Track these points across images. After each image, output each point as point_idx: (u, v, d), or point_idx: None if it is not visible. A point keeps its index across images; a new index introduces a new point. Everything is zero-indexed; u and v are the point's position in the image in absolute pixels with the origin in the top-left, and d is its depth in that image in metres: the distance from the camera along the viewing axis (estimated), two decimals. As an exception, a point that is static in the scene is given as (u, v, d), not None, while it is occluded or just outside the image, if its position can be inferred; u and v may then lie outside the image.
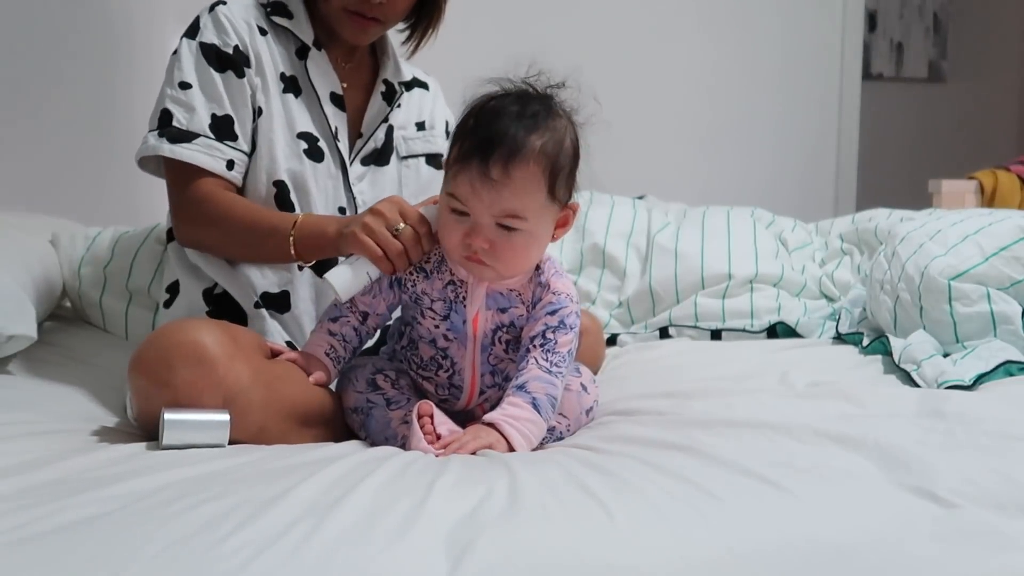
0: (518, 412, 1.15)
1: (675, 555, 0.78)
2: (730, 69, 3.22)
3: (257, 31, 1.42)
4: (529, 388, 1.17)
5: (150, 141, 1.36)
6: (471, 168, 1.14)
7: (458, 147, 1.17)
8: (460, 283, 1.23)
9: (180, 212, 1.39)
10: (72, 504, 0.86)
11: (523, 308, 1.24)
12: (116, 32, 2.52)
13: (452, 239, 1.18)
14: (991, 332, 1.50)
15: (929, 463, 0.95)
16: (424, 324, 1.25)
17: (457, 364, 1.25)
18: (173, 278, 1.45)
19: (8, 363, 1.47)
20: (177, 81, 1.37)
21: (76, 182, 2.49)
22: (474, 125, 1.17)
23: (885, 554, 0.79)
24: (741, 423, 1.15)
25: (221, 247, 1.39)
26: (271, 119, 1.40)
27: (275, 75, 1.41)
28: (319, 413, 1.23)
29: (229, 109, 1.37)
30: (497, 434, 1.13)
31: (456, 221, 1.17)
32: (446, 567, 0.75)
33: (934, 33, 4.57)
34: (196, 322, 1.17)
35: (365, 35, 1.43)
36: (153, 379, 1.11)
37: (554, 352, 1.20)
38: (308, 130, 1.42)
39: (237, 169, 1.38)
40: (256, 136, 1.40)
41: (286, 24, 1.43)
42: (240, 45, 1.39)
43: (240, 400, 1.12)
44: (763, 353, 1.68)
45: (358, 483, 0.92)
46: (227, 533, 0.78)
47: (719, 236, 2.04)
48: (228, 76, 1.38)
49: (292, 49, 1.44)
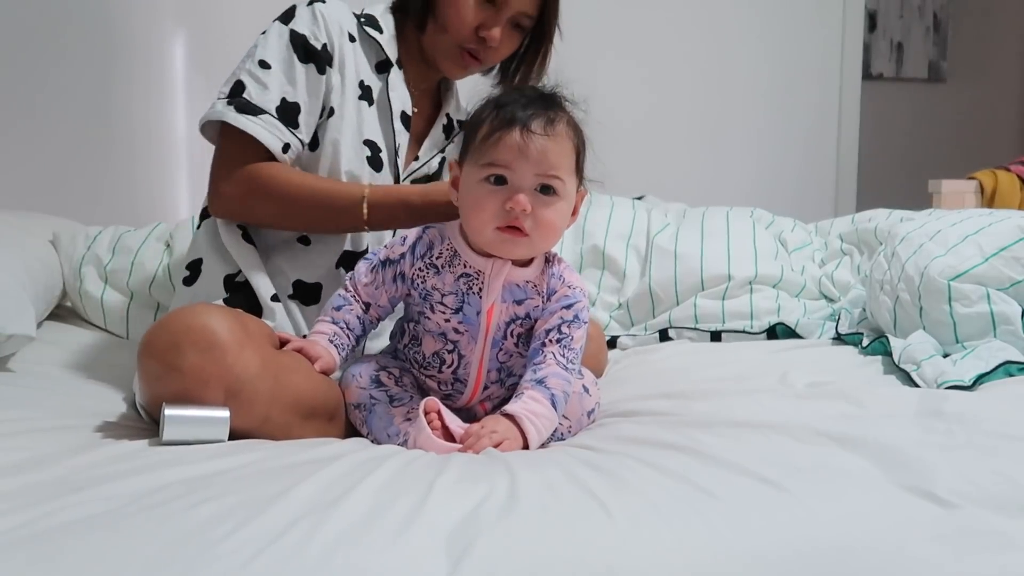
0: (538, 408, 1.17)
1: (675, 555, 0.78)
2: (730, 69, 3.22)
3: (347, 36, 1.45)
4: (548, 384, 1.20)
5: (217, 107, 1.37)
6: (513, 131, 1.18)
7: (489, 123, 1.20)
8: (475, 274, 1.24)
9: (225, 183, 1.38)
10: (72, 503, 0.86)
11: (539, 299, 1.26)
12: (116, 33, 2.53)
13: (488, 209, 1.19)
14: (991, 332, 1.50)
15: (929, 463, 0.95)
16: (433, 319, 1.25)
17: (464, 358, 1.26)
18: (197, 256, 1.45)
19: (9, 361, 1.47)
20: (258, 59, 1.39)
21: (76, 182, 2.49)
22: (500, 104, 1.22)
23: (884, 554, 0.79)
24: (741, 424, 1.15)
25: (278, 218, 1.39)
26: (342, 120, 1.42)
27: (355, 81, 1.45)
28: (324, 406, 1.23)
29: (300, 98, 1.39)
30: (515, 429, 1.15)
31: (491, 192, 1.19)
32: (446, 567, 0.75)
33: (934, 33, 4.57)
34: (208, 307, 1.17)
35: (464, 72, 1.51)
36: (162, 362, 1.11)
37: (570, 348, 1.23)
38: (374, 139, 1.45)
39: (290, 155, 1.39)
40: (323, 134, 1.42)
41: (375, 37, 1.47)
42: (328, 44, 1.42)
43: (247, 389, 1.12)
44: (763, 354, 1.68)
45: (358, 482, 0.92)
46: (227, 533, 0.78)
47: (718, 237, 2.04)
48: (309, 68, 1.40)
49: (373, 62, 1.47)
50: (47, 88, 2.46)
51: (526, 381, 1.20)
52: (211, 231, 1.45)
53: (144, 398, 1.17)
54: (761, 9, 3.24)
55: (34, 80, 2.45)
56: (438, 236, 1.27)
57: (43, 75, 2.46)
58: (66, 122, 2.49)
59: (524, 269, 1.25)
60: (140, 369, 1.15)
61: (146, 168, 2.58)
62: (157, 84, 2.57)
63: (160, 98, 2.58)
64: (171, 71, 2.59)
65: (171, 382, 1.10)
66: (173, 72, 2.59)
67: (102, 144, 2.53)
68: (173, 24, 2.58)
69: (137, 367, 1.15)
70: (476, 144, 1.21)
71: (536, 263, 1.27)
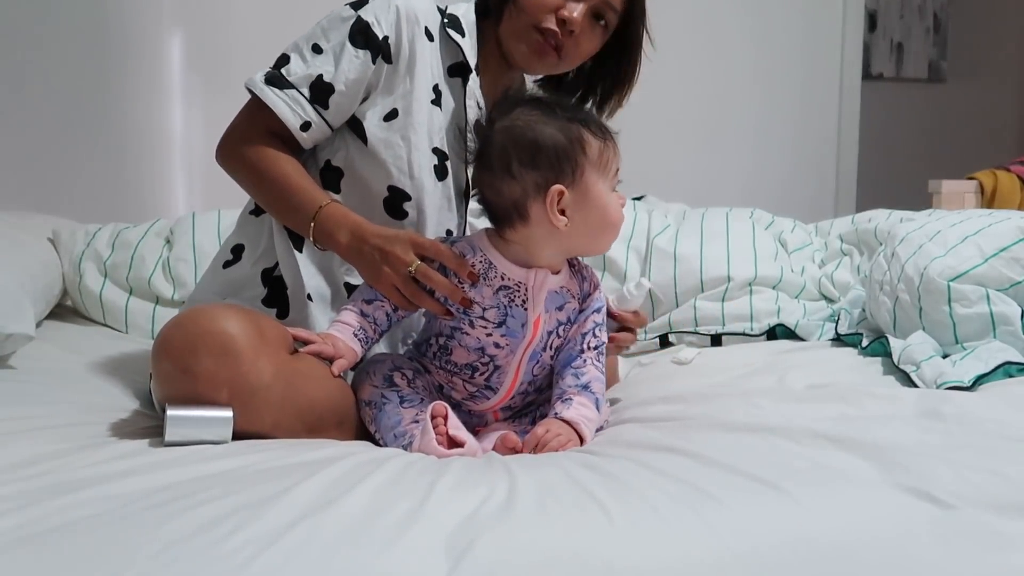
0: (589, 413, 1.22)
1: (674, 556, 0.78)
2: (730, 69, 3.22)
3: (425, 34, 1.39)
4: (592, 388, 1.25)
5: (256, 75, 1.37)
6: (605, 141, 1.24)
7: (589, 140, 1.24)
8: (515, 286, 1.24)
9: (232, 139, 1.39)
10: (73, 502, 0.86)
11: (575, 302, 1.29)
12: (115, 33, 2.53)
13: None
14: (990, 333, 1.50)
15: (928, 464, 0.95)
16: (473, 334, 1.25)
17: (500, 369, 1.26)
18: (239, 242, 1.45)
19: (9, 360, 1.47)
20: (312, 42, 1.36)
21: (74, 181, 2.49)
22: (575, 120, 1.25)
23: (883, 555, 0.79)
24: (740, 426, 1.15)
25: (252, 194, 1.41)
26: (411, 126, 1.37)
27: (428, 84, 1.39)
28: (334, 412, 1.23)
29: (339, 80, 1.34)
30: (574, 432, 1.19)
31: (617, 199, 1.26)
32: (446, 568, 0.75)
33: (934, 33, 4.57)
34: (226, 311, 1.16)
35: (540, 62, 1.41)
36: (177, 364, 1.10)
37: (602, 352, 1.29)
38: (441, 147, 1.40)
39: (311, 134, 1.36)
40: (388, 136, 1.37)
41: (456, 39, 1.41)
42: (393, 39, 1.36)
43: (259, 397, 1.12)
44: (762, 355, 1.68)
45: (358, 483, 0.92)
46: (227, 533, 0.78)
47: (718, 238, 2.03)
48: (364, 55, 1.35)
49: (448, 64, 1.42)
50: (44, 87, 2.46)
51: (571, 387, 1.24)
52: (255, 223, 1.44)
53: (158, 396, 1.17)
54: (761, 9, 3.24)
55: (31, 79, 2.45)
56: (468, 247, 1.26)
57: (41, 75, 2.46)
58: (64, 121, 2.49)
59: (556, 276, 1.27)
60: (154, 368, 1.15)
61: (144, 166, 2.58)
62: (154, 82, 2.57)
63: (157, 96, 2.58)
64: (168, 69, 2.58)
65: (184, 385, 1.10)
66: (170, 70, 2.59)
67: (100, 143, 2.53)
68: (170, 22, 2.58)
69: (151, 365, 1.16)
70: (590, 162, 1.22)
71: (564, 268, 1.29)
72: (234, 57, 1.39)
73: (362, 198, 1.37)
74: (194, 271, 1.91)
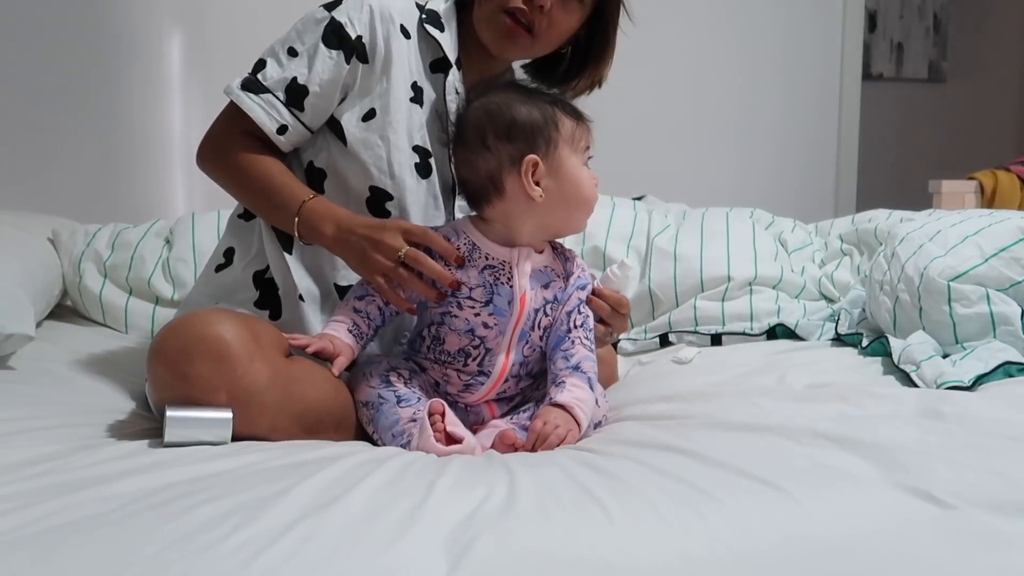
0: (582, 394, 1.22)
1: (674, 556, 0.78)
2: (730, 69, 3.22)
3: (400, 32, 1.38)
4: (583, 368, 1.25)
5: (234, 81, 1.37)
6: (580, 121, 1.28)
7: (562, 119, 1.28)
8: (500, 265, 1.27)
9: (211, 143, 1.40)
10: (72, 503, 0.86)
11: (560, 281, 1.31)
12: (115, 33, 2.53)
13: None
14: (991, 333, 1.50)
15: (928, 464, 0.95)
16: (461, 315, 1.27)
17: (491, 351, 1.27)
18: (230, 245, 1.45)
19: (9, 360, 1.47)
20: (288, 45, 1.36)
21: (73, 181, 2.49)
22: (550, 102, 1.30)
23: (883, 554, 0.79)
24: (740, 425, 1.15)
25: (236, 195, 1.41)
26: (389, 125, 1.36)
27: (407, 82, 1.38)
28: (331, 414, 1.23)
29: (314, 82, 1.34)
30: (570, 418, 1.19)
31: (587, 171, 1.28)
32: (445, 567, 0.75)
33: (934, 33, 4.57)
34: (220, 315, 1.17)
35: (511, 44, 1.37)
36: (172, 369, 1.11)
37: (589, 328, 1.30)
38: (423, 144, 1.40)
39: (288, 136, 1.36)
40: (367, 136, 1.36)
41: (436, 35, 1.39)
42: (367, 38, 1.35)
43: (255, 401, 1.12)
44: (762, 355, 1.68)
45: (358, 483, 0.92)
46: (227, 533, 0.78)
47: (718, 238, 2.03)
48: (338, 55, 1.34)
49: (428, 61, 1.41)
50: (44, 87, 2.46)
51: (562, 369, 1.25)
52: (244, 226, 1.44)
53: (153, 401, 1.18)
54: (761, 9, 3.24)
55: (31, 79, 2.45)
56: (452, 232, 1.29)
57: (41, 75, 2.46)
58: (64, 121, 2.49)
59: (540, 256, 1.30)
60: (150, 373, 1.15)
61: (144, 167, 2.58)
62: (154, 83, 2.57)
63: (157, 97, 2.57)
64: (168, 69, 2.58)
65: (179, 389, 1.10)
66: (170, 70, 2.59)
67: (100, 143, 2.53)
68: (170, 22, 2.58)
69: (147, 370, 1.16)
70: (563, 138, 1.25)
71: (547, 250, 1.32)
72: (234, 57, 1.39)
73: (345, 199, 1.37)
74: (194, 271, 1.91)
